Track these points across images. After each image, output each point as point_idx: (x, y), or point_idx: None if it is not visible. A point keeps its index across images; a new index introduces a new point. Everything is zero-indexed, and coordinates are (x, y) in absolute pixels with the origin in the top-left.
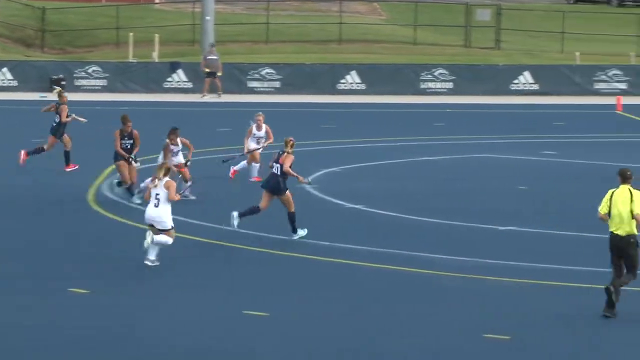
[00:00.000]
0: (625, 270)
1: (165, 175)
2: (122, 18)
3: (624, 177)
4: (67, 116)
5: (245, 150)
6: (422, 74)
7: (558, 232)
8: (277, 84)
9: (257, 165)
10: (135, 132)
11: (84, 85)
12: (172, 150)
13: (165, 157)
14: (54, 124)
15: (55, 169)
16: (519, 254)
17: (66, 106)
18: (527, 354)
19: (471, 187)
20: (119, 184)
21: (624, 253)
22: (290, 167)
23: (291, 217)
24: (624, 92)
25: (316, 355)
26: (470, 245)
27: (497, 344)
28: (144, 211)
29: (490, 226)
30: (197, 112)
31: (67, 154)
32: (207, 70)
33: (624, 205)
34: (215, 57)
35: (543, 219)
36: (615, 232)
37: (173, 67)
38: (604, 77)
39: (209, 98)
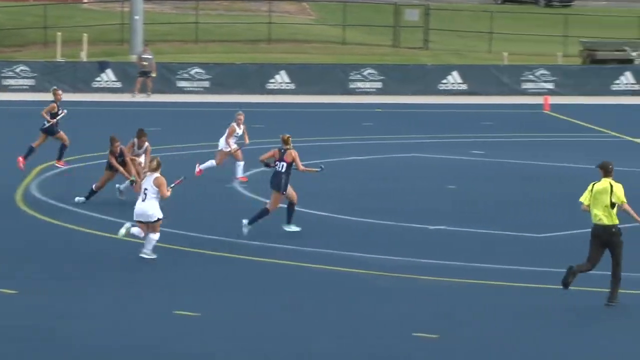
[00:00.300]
0: (612, 265)
1: (155, 170)
2: (50, 17)
3: (607, 171)
4: (56, 115)
5: (232, 149)
6: (351, 73)
7: (488, 231)
8: (206, 84)
9: (242, 163)
10: (122, 147)
11: (12, 85)
12: (136, 151)
13: (125, 155)
14: (45, 124)
15: None
16: (449, 254)
17: (55, 104)
18: (455, 352)
19: (401, 187)
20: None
21: (609, 244)
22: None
23: (263, 214)
24: (551, 92)
25: (247, 355)
26: (402, 244)
27: (425, 342)
28: (76, 212)
29: (421, 225)
30: (126, 111)
31: (62, 148)
32: (144, 63)
33: (605, 196)
34: (150, 57)
35: (473, 218)
36: (598, 222)
37: (102, 66)
38: (531, 77)
39: (139, 97)
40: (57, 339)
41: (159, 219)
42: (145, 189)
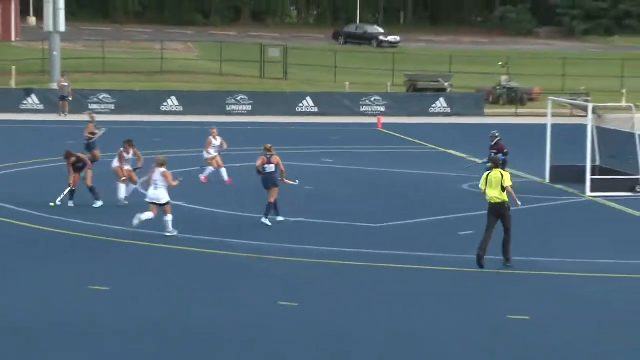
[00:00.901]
0: (503, 233)
1: (162, 165)
2: None
3: (496, 163)
4: (93, 133)
5: (208, 157)
6: (228, 98)
7: (337, 222)
8: (112, 106)
9: (223, 169)
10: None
11: None
12: (125, 157)
13: (120, 162)
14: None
15: None
16: (308, 240)
17: (92, 124)
18: (311, 316)
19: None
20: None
21: (500, 215)
22: None
23: (274, 205)
24: (383, 114)
25: (135, 321)
26: (267, 232)
27: (288, 309)
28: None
29: (285, 218)
30: (48, 128)
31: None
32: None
33: (497, 181)
34: (66, 84)
35: (325, 212)
36: (492, 201)
37: (27, 92)
38: (367, 101)
39: (60, 117)
40: None
41: (167, 202)
42: (155, 180)
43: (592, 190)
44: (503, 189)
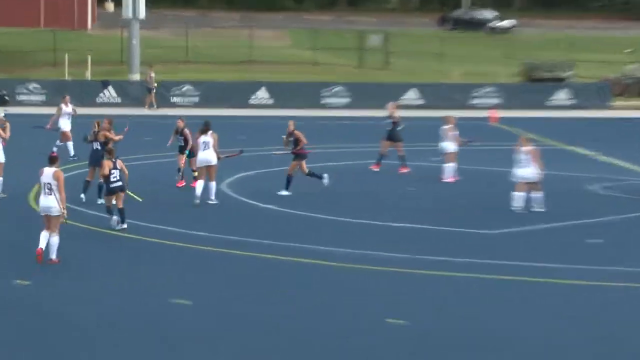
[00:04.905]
0: None
1: None
2: (58, 41)
3: None
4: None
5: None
6: (322, 90)
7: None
8: (196, 99)
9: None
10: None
11: (25, 101)
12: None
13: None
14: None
15: None
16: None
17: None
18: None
19: (358, 189)
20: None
21: None
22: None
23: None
24: (497, 106)
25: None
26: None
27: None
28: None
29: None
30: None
31: None
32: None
33: None
34: (153, 75)
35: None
36: None
37: (104, 84)
38: (479, 93)
39: (147, 111)
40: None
41: None
42: None
43: None
44: None
